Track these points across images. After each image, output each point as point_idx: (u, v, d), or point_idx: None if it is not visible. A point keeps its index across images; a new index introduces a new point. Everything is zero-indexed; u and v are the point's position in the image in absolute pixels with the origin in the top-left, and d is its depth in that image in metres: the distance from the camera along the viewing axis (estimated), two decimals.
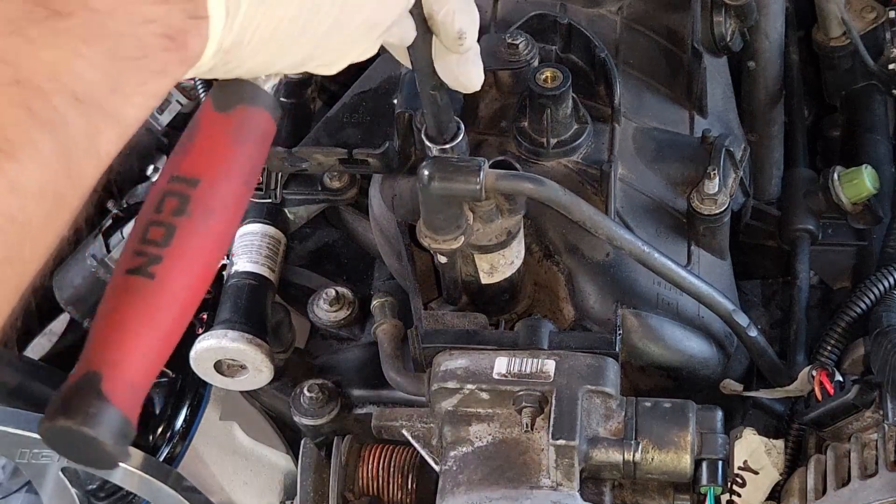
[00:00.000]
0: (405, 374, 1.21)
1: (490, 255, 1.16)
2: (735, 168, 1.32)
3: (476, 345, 1.16)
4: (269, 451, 1.43)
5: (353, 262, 1.46)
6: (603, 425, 1.11)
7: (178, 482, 1.30)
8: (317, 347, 1.39)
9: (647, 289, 1.24)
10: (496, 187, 1.08)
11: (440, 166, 1.06)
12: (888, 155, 1.52)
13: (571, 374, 1.11)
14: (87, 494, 1.36)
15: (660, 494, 1.13)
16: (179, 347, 1.40)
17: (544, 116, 1.25)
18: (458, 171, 1.06)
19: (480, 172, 1.06)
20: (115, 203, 1.50)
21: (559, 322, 1.24)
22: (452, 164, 1.06)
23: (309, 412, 1.28)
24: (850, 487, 1.12)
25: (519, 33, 1.31)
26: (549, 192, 1.11)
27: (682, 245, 1.29)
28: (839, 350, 1.28)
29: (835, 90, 1.60)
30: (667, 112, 1.39)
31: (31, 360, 1.50)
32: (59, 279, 1.49)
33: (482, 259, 1.16)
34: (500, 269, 1.18)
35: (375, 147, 1.25)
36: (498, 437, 1.11)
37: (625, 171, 1.30)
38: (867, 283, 1.30)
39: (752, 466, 1.18)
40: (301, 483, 1.25)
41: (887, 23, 1.54)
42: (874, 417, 1.16)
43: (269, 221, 1.36)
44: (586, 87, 1.34)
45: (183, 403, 1.40)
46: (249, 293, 1.31)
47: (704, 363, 1.26)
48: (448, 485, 1.10)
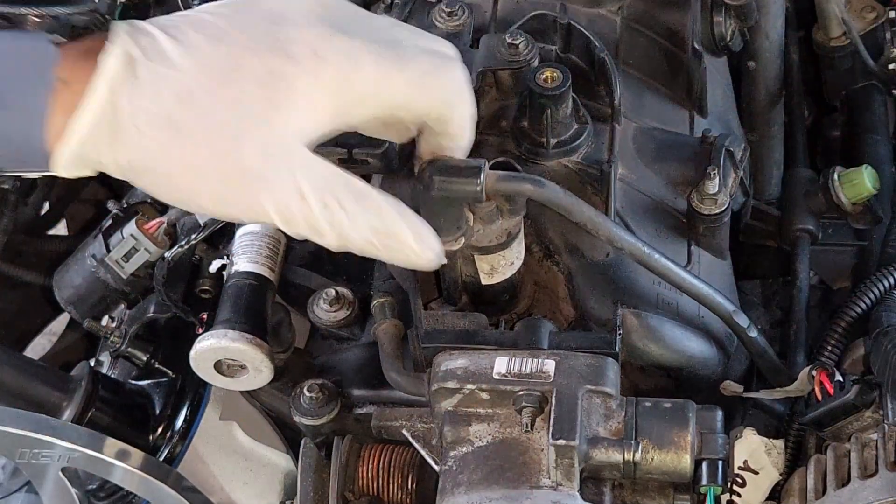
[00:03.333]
0: (405, 374, 1.21)
1: (490, 256, 1.16)
2: (735, 168, 1.32)
3: (476, 345, 1.16)
4: (269, 451, 1.43)
5: (353, 262, 1.46)
6: (603, 425, 1.11)
7: (178, 482, 1.30)
8: (317, 347, 1.39)
9: (647, 289, 1.24)
10: (497, 188, 1.08)
11: (441, 167, 1.06)
12: (888, 155, 1.52)
13: (571, 374, 1.11)
14: (87, 494, 1.36)
15: (660, 494, 1.13)
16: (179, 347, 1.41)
17: (544, 116, 1.25)
18: (459, 173, 1.06)
19: (481, 174, 1.06)
20: (115, 203, 1.50)
21: (559, 322, 1.24)
22: (453, 165, 1.06)
23: (309, 412, 1.28)
24: (850, 487, 1.12)
25: (519, 33, 1.31)
26: (549, 194, 1.11)
27: (682, 245, 1.29)
28: (839, 350, 1.28)
29: (835, 90, 1.60)
30: (667, 112, 1.40)
31: (31, 360, 1.50)
32: (59, 279, 1.49)
33: (482, 260, 1.16)
34: (500, 270, 1.18)
35: (375, 147, 1.25)
36: (498, 437, 1.11)
37: (625, 171, 1.30)
38: (867, 283, 1.30)
39: (752, 466, 1.18)
40: (301, 483, 1.25)
41: (887, 23, 1.54)
42: (874, 417, 1.16)
43: None
44: (586, 87, 1.34)
45: (183, 403, 1.40)
46: (249, 293, 1.31)
47: (704, 363, 1.26)
48: (448, 485, 1.10)
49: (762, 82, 1.51)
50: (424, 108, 1.01)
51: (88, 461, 1.27)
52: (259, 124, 0.93)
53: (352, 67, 0.95)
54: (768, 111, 1.52)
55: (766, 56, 1.50)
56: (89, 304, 1.47)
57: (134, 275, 1.43)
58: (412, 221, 1.02)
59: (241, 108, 0.92)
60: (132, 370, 1.46)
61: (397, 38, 1.00)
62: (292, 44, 0.94)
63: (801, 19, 1.62)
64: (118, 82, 0.90)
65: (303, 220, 0.97)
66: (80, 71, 0.90)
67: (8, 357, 1.39)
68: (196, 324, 1.34)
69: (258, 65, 0.93)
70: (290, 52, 0.94)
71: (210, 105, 0.92)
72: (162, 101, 0.91)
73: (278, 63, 0.93)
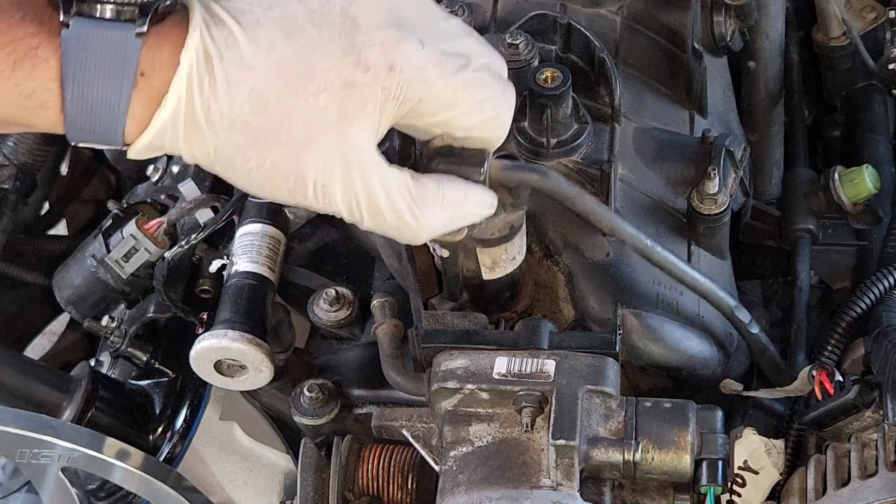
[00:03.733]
0: (405, 374, 1.21)
1: (492, 249, 1.16)
2: (735, 168, 1.32)
3: (476, 345, 1.16)
4: (269, 451, 1.43)
5: (353, 262, 1.46)
6: (603, 425, 1.11)
7: (178, 482, 1.30)
8: (317, 347, 1.39)
9: (647, 289, 1.24)
10: (500, 177, 1.08)
11: (445, 152, 1.05)
12: (888, 155, 1.52)
13: (571, 374, 1.11)
14: (87, 494, 1.36)
15: (660, 494, 1.13)
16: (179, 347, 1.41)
17: (544, 116, 1.25)
18: (463, 160, 1.05)
19: (485, 162, 1.05)
20: (115, 203, 1.50)
21: (559, 322, 1.24)
22: (457, 152, 1.05)
23: (309, 412, 1.28)
24: (850, 487, 1.12)
25: (519, 33, 1.31)
26: (552, 184, 1.11)
27: (682, 245, 1.29)
28: (839, 350, 1.28)
29: (835, 90, 1.60)
30: (667, 112, 1.40)
31: (31, 360, 1.50)
32: (59, 279, 1.49)
33: (484, 253, 1.16)
34: (501, 265, 1.18)
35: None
36: (498, 437, 1.11)
37: (625, 171, 1.30)
38: (867, 283, 1.30)
39: (752, 466, 1.18)
40: (301, 483, 1.25)
41: (887, 23, 1.54)
42: (874, 417, 1.16)
43: (269, 221, 1.36)
44: (586, 87, 1.34)
45: (183, 403, 1.40)
46: (249, 293, 1.31)
47: (704, 363, 1.26)
48: (448, 485, 1.10)
49: (762, 82, 1.51)
50: (470, 129, 1.03)
51: (88, 461, 1.27)
52: (330, 132, 0.95)
53: (423, 87, 0.97)
54: (768, 111, 1.52)
55: (767, 56, 1.50)
56: (89, 304, 1.47)
57: (134, 275, 1.43)
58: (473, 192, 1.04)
59: (313, 116, 0.95)
60: (132, 370, 1.46)
61: (465, 53, 1.01)
62: (367, 49, 0.95)
63: (801, 19, 1.62)
64: (195, 81, 0.92)
65: (369, 219, 1.00)
66: (160, 61, 0.92)
67: (8, 357, 1.39)
68: (196, 324, 1.34)
69: (333, 73, 0.95)
70: (365, 59, 0.95)
71: (283, 112, 0.94)
72: (235, 104, 0.93)
73: (352, 73, 0.95)
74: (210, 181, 1.47)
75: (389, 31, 0.96)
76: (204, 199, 1.44)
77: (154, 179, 1.54)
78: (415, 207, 1.00)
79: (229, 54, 0.93)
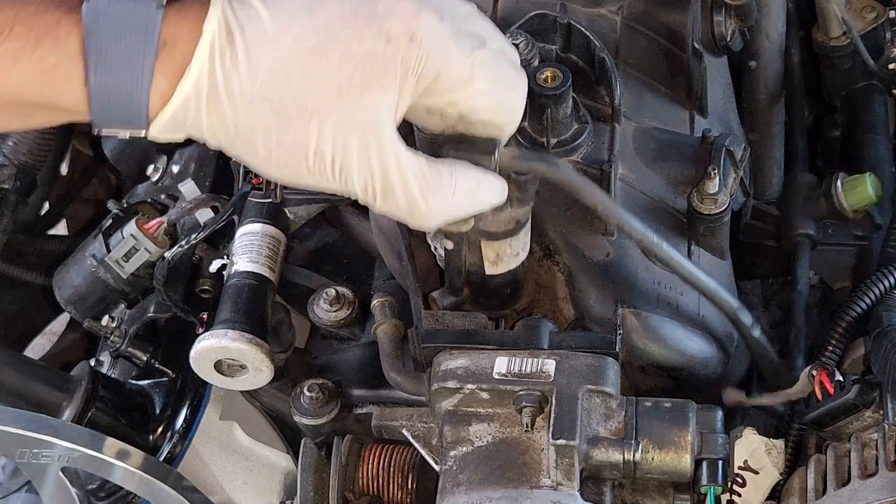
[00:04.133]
0: (405, 373, 1.21)
1: (497, 242, 1.16)
2: (735, 168, 1.32)
3: (476, 344, 1.16)
4: (269, 451, 1.43)
5: (353, 262, 1.46)
6: (603, 425, 1.11)
7: (178, 482, 1.30)
8: (317, 347, 1.39)
9: (647, 288, 1.24)
10: (511, 165, 1.08)
11: (456, 139, 1.05)
12: (888, 155, 1.52)
13: (571, 373, 1.11)
14: (87, 494, 1.36)
15: (660, 494, 1.13)
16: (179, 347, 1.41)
17: (544, 116, 1.25)
18: (474, 148, 1.05)
19: (496, 150, 1.05)
20: (115, 203, 1.50)
21: (559, 322, 1.24)
22: (468, 139, 1.05)
23: (309, 412, 1.28)
24: (850, 487, 1.12)
25: (519, 33, 1.31)
26: (561, 174, 1.11)
27: (682, 245, 1.29)
28: (840, 350, 1.28)
29: (835, 90, 1.60)
30: (667, 112, 1.39)
31: (31, 360, 1.50)
32: (59, 279, 1.49)
33: (488, 247, 1.16)
34: (504, 260, 1.18)
35: None
36: (498, 437, 1.11)
37: (625, 171, 1.30)
38: (867, 283, 1.30)
39: (753, 466, 1.18)
40: (301, 483, 1.25)
41: (887, 23, 1.54)
42: (874, 417, 1.16)
43: (269, 221, 1.36)
44: (586, 87, 1.34)
45: (183, 403, 1.40)
46: (249, 293, 1.31)
47: (705, 363, 1.26)
48: (448, 485, 1.10)
49: (762, 82, 1.51)
50: (485, 113, 1.03)
51: (88, 461, 1.27)
52: (351, 102, 0.95)
53: (442, 61, 0.97)
54: (769, 111, 1.52)
55: (767, 56, 1.50)
56: (89, 303, 1.47)
57: (134, 275, 1.43)
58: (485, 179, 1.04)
59: (335, 86, 0.94)
60: (132, 370, 1.46)
61: (480, 33, 1.01)
62: (387, 18, 0.95)
63: (801, 19, 1.61)
64: (217, 53, 0.92)
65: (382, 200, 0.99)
66: (182, 33, 0.92)
67: (8, 357, 1.39)
68: (196, 324, 1.34)
69: (355, 44, 0.94)
70: (387, 29, 0.95)
71: (305, 85, 0.94)
72: (257, 77, 0.93)
73: (374, 44, 0.94)
74: (210, 181, 1.47)
75: (409, 2, 0.96)
76: (204, 198, 1.44)
77: (154, 179, 1.55)
78: (427, 191, 1.00)
79: (251, 27, 0.93)
